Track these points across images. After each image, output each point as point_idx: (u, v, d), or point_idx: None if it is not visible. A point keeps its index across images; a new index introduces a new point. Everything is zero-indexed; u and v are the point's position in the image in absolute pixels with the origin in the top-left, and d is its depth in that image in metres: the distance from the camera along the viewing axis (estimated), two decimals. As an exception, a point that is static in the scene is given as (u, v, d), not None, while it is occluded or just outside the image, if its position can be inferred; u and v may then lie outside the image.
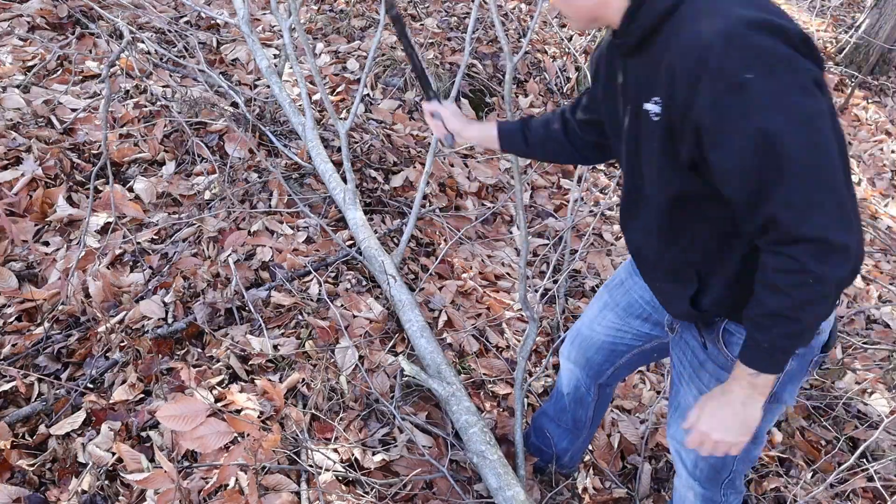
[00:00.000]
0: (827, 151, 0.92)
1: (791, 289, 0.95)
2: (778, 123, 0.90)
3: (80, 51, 2.90)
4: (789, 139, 0.90)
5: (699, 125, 0.95)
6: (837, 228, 0.92)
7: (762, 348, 1.02)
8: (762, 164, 0.92)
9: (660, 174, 1.09)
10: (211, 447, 1.51)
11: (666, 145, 1.03)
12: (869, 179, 4.36)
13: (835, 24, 6.07)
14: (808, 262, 0.93)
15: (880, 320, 3.01)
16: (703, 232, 1.12)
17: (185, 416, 1.55)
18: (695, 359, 1.28)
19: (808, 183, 0.91)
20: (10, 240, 2.08)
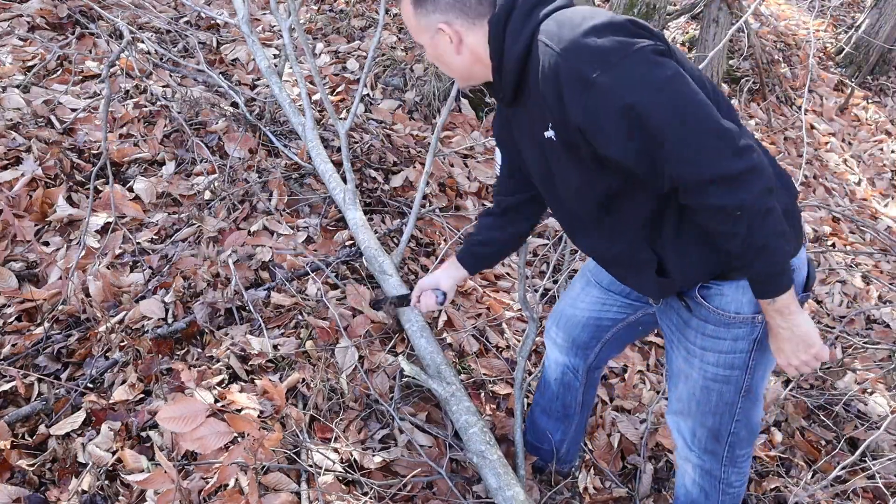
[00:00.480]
0: (689, 102, 1.02)
1: (732, 228, 1.06)
2: (636, 100, 1.00)
3: (80, 51, 2.90)
4: (651, 109, 1.00)
5: (580, 127, 1.07)
6: (732, 156, 1.02)
7: (760, 281, 1.14)
8: (641, 139, 1.03)
9: (578, 186, 1.20)
10: (211, 447, 1.51)
11: (571, 158, 1.16)
12: (869, 179, 4.36)
13: (835, 24, 6.06)
14: (721, 200, 1.03)
15: (880, 320, 3.01)
16: (636, 220, 1.21)
17: (185, 416, 1.55)
18: (679, 319, 1.34)
19: (684, 136, 1.01)
20: (10, 240, 2.08)
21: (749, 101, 4.63)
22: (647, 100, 1.00)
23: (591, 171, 1.15)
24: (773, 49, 5.25)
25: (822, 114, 4.91)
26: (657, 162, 1.04)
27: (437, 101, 3.40)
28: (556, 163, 1.21)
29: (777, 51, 5.27)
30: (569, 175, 1.20)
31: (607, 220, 1.24)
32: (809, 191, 3.99)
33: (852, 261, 3.41)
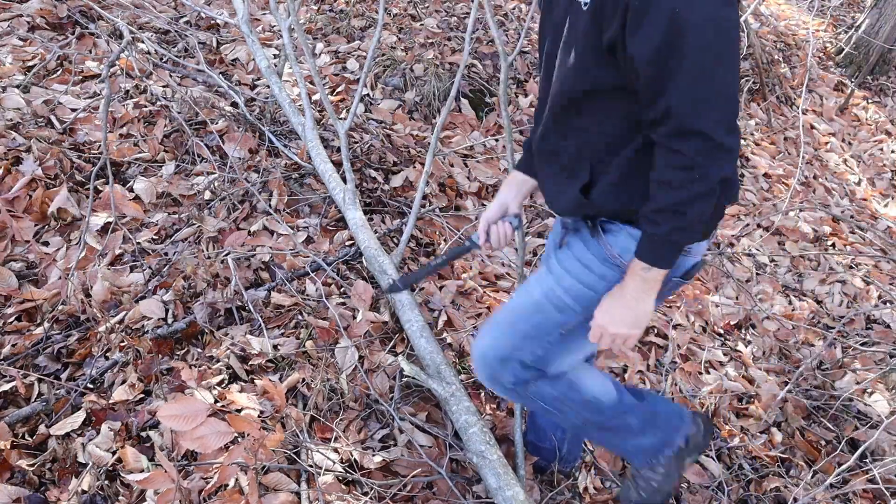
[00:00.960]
0: (728, 58, 1.02)
1: (681, 184, 1.06)
2: (692, 17, 0.99)
3: (80, 51, 2.90)
4: (696, 35, 0.99)
5: (628, 5, 1.02)
6: (725, 130, 1.03)
7: (654, 243, 1.13)
8: (668, 52, 1.00)
9: (578, 64, 1.14)
10: (211, 447, 1.51)
11: (590, 31, 1.10)
12: (869, 179, 4.36)
13: (835, 24, 6.06)
14: (696, 157, 1.03)
15: (880, 320, 3.01)
16: (605, 128, 1.19)
17: (186, 415, 1.55)
18: (565, 240, 1.34)
19: (704, 80, 1.01)
20: (9, 239, 2.08)
21: (749, 101, 4.63)
22: (700, 25, 0.99)
23: (595, 55, 1.11)
24: (773, 49, 5.25)
25: (822, 114, 4.91)
26: (662, 80, 1.03)
27: (437, 101, 3.40)
28: (569, 33, 1.16)
29: (777, 51, 5.27)
30: (571, 50, 1.15)
31: (575, 121, 1.22)
32: (809, 191, 3.99)
33: (852, 261, 3.41)
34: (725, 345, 2.69)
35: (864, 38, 5.27)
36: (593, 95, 1.16)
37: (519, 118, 3.66)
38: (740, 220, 3.51)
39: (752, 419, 2.32)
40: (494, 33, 1.65)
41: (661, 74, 1.02)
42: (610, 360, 2.36)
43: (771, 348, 2.71)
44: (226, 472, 1.54)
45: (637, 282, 1.17)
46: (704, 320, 2.76)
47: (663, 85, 1.03)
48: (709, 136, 1.03)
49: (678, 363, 2.47)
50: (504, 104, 1.74)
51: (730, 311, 2.83)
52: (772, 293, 3.04)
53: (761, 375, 2.53)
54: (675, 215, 1.09)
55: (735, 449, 2.17)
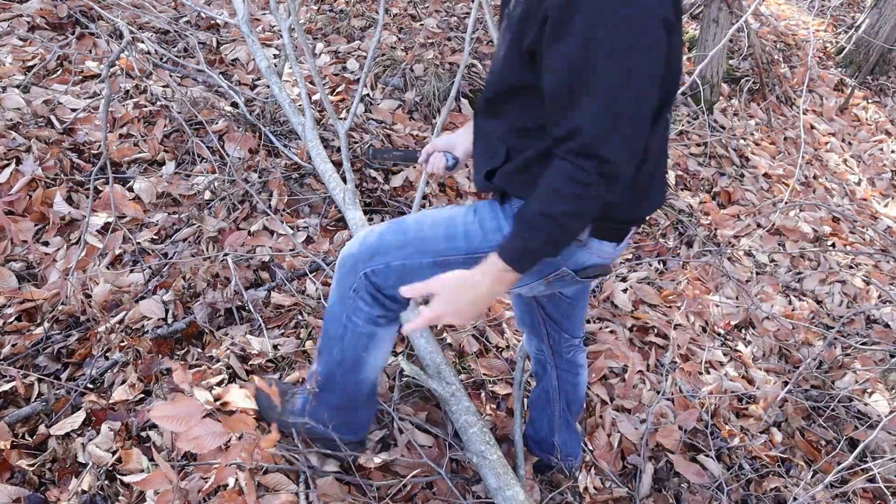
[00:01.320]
0: (639, 80, 0.98)
1: (570, 197, 1.04)
2: (606, 35, 0.96)
3: (80, 51, 2.90)
4: (607, 57, 0.96)
5: (547, 15, 1.00)
6: (628, 158, 1.02)
7: (522, 246, 1.10)
8: (581, 70, 0.98)
9: (505, 60, 1.16)
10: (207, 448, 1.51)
11: (516, 34, 1.10)
12: (869, 179, 4.36)
13: (835, 24, 6.06)
14: (595, 178, 1.02)
15: (880, 320, 3.01)
16: (526, 121, 1.18)
17: (179, 416, 1.54)
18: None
19: (616, 104, 0.99)
20: (9, 240, 2.08)
21: (749, 101, 4.63)
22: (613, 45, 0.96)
23: (519, 57, 1.11)
24: (773, 49, 5.25)
25: (822, 114, 4.91)
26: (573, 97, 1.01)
27: (437, 101, 3.40)
28: (504, 28, 1.17)
29: (777, 51, 5.27)
30: (503, 45, 1.16)
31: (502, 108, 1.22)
32: (809, 191, 3.99)
33: (852, 261, 3.41)
34: (725, 345, 2.69)
35: (864, 38, 5.28)
36: (518, 90, 1.17)
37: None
38: (740, 220, 3.52)
39: (752, 419, 2.33)
40: (494, 34, 1.65)
41: (572, 92, 1.01)
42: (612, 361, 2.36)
43: (771, 348, 2.71)
44: (223, 473, 1.54)
45: (492, 279, 1.14)
46: (704, 320, 2.76)
47: (573, 102, 1.01)
48: (613, 163, 1.01)
49: (678, 363, 2.47)
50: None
51: (730, 311, 2.83)
52: (772, 293, 3.04)
53: (761, 375, 2.53)
54: (555, 226, 1.07)
55: (735, 449, 2.17)
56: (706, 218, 3.46)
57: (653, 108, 1.05)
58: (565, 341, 1.68)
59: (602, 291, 2.74)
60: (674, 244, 3.19)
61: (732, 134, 4.21)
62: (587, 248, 1.21)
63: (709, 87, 4.29)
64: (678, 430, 2.15)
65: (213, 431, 1.46)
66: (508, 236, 1.13)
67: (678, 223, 3.31)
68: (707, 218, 3.46)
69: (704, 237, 3.26)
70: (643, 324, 2.60)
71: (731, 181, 3.80)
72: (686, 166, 3.76)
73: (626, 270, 2.89)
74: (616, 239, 1.24)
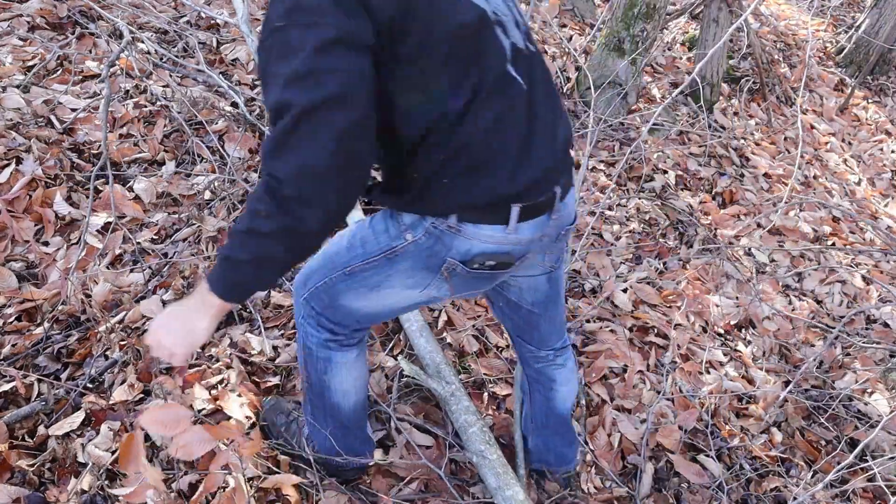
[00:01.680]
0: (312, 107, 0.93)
1: (248, 214, 1.00)
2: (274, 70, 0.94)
3: (80, 51, 2.90)
4: (279, 90, 0.93)
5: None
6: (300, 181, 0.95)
7: (219, 265, 1.07)
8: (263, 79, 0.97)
9: None
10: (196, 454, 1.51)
11: None
12: (869, 179, 4.36)
13: (835, 24, 6.07)
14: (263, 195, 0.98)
15: (880, 320, 3.01)
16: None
17: (168, 422, 1.54)
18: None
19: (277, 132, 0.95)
20: (9, 239, 2.08)
21: (749, 101, 4.63)
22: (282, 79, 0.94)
23: None
24: (773, 49, 5.25)
25: (822, 114, 4.91)
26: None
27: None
28: None
29: (777, 51, 5.27)
30: None
31: None
32: (809, 191, 3.99)
33: (852, 260, 3.41)
34: (725, 345, 2.69)
35: (864, 38, 5.28)
36: None
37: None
38: (740, 220, 3.51)
39: (752, 419, 2.32)
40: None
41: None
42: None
43: (771, 348, 2.71)
44: (213, 480, 1.54)
45: (198, 299, 1.12)
46: (704, 320, 2.76)
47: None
48: (276, 179, 0.96)
49: (678, 363, 2.47)
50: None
51: (730, 311, 2.83)
52: (772, 293, 3.04)
53: (761, 375, 2.53)
54: (237, 242, 1.04)
55: (735, 449, 2.17)
56: (706, 218, 3.46)
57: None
58: (529, 352, 1.62)
59: (602, 291, 2.74)
60: (674, 244, 3.19)
61: (732, 134, 4.21)
62: (462, 235, 1.17)
63: (709, 87, 4.29)
64: (678, 430, 2.15)
65: (201, 438, 1.46)
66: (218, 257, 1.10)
67: (678, 223, 3.31)
68: (707, 218, 3.46)
69: (704, 237, 3.26)
70: (643, 324, 2.60)
71: (731, 181, 3.80)
72: (686, 166, 3.77)
73: (626, 270, 2.89)
74: (499, 221, 1.17)
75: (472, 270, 1.21)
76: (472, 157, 1.12)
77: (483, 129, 1.10)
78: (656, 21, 3.79)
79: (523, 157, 1.16)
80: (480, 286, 1.31)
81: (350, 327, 1.43)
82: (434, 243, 1.19)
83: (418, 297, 1.31)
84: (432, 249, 1.20)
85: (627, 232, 3.15)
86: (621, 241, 3.08)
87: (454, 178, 1.12)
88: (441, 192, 1.13)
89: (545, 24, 4.43)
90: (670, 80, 4.59)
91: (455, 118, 1.08)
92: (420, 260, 1.23)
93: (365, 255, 1.28)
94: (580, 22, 4.74)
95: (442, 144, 1.10)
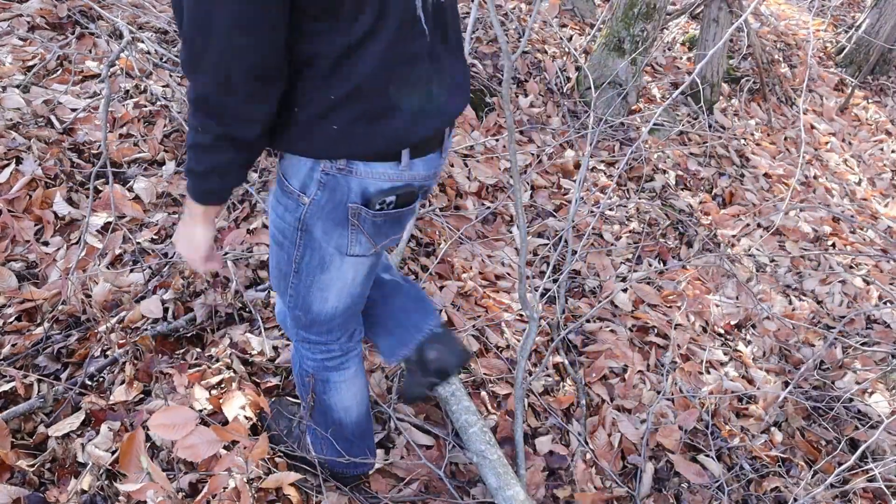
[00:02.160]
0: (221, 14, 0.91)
1: (190, 131, 1.05)
2: None
3: (80, 51, 2.90)
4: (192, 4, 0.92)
5: None
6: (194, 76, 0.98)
7: (187, 178, 1.13)
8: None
9: None
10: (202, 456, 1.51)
11: None
12: (869, 179, 4.36)
13: (835, 24, 6.07)
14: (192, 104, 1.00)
15: (880, 320, 3.01)
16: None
17: (175, 424, 1.54)
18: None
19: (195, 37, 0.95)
20: (10, 239, 2.08)
21: (749, 101, 4.63)
22: None
23: None
24: (773, 49, 5.25)
25: (823, 114, 4.91)
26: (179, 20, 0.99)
27: (437, 101, 3.39)
28: None
29: (777, 51, 5.27)
30: None
31: None
32: (809, 190, 3.99)
33: (853, 261, 3.41)
34: (725, 345, 2.69)
35: (864, 38, 5.28)
36: None
37: (519, 118, 3.66)
38: (740, 220, 3.52)
39: (752, 419, 2.32)
40: (498, 33, 1.65)
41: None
42: (611, 360, 2.36)
43: (771, 348, 2.71)
44: (216, 482, 1.54)
45: (187, 212, 1.20)
46: (704, 320, 2.76)
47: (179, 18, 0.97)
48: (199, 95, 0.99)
49: (678, 363, 2.47)
50: (507, 104, 1.74)
51: (730, 311, 2.83)
52: (772, 293, 3.04)
53: (761, 375, 2.53)
54: (189, 151, 1.09)
55: (735, 449, 2.17)
56: (706, 218, 3.46)
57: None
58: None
59: (602, 291, 2.74)
60: (674, 244, 3.19)
61: (733, 134, 4.21)
62: (354, 175, 1.15)
63: (709, 87, 4.29)
64: (678, 430, 2.15)
65: (207, 440, 1.46)
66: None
67: (678, 223, 3.31)
68: (707, 218, 3.46)
69: (705, 237, 3.26)
70: (643, 324, 2.60)
71: (731, 181, 3.80)
72: (686, 166, 3.77)
73: (627, 270, 2.89)
74: (390, 159, 1.16)
75: (376, 212, 1.20)
76: (366, 104, 1.08)
77: (379, 71, 1.06)
78: (656, 21, 3.79)
79: (423, 109, 1.14)
80: (393, 230, 1.29)
81: (339, 337, 1.44)
82: (331, 194, 1.17)
83: (357, 263, 1.30)
84: (332, 201, 1.18)
85: (627, 232, 3.15)
86: (621, 241, 3.08)
87: (346, 125, 1.09)
88: (332, 137, 1.10)
89: (545, 24, 4.43)
90: (670, 80, 4.59)
91: (348, 50, 1.02)
92: (327, 218, 1.21)
93: (291, 243, 1.28)
94: (580, 22, 4.74)
95: (332, 79, 1.05)
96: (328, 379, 1.49)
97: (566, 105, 3.90)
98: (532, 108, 3.77)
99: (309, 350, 1.47)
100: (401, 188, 1.19)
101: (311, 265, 1.30)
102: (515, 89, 3.80)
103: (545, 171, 3.38)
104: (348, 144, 1.11)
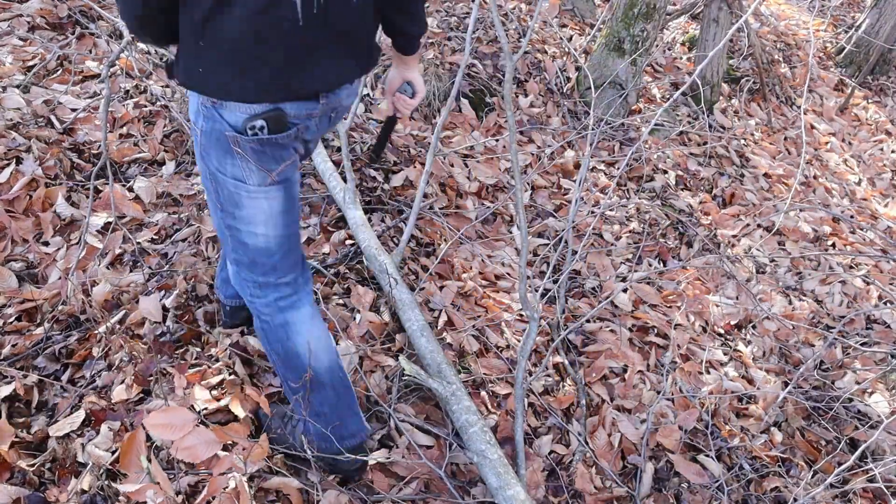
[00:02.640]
0: None
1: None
2: None
3: (80, 51, 2.90)
4: None
5: None
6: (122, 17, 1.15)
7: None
8: None
9: None
10: (200, 457, 1.51)
11: None
12: (869, 179, 4.36)
13: (835, 24, 6.07)
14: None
15: (880, 320, 3.01)
16: None
17: (173, 425, 1.54)
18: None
19: None
20: (9, 239, 2.08)
21: (749, 101, 4.63)
22: None
23: None
24: (774, 49, 5.25)
25: (823, 114, 4.91)
26: None
27: (437, 101, 3.40)
28: None
29: (777, 51, 5.27)
30: None
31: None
32: (810, 190, 3.99)
33: (852, 261, 3.41)
34: (725, 345, 2.69)
35: (864, 38, 5.28)
36: None
37: (519, 118, 3.66)
38: (740, 220, 3.52)
39: (752, 419, 2.32)
40: (500, 33, 1.65)
41: None
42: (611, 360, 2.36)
43: (771, 348, 2.71)
44: (216, 483, 1.54)
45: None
46: (704, 320, 2.76)
47: None
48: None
49: (678, 363, 2.47)
50: (509, 104, 1.74)
51: (730, 311, 2.83)
52: (772, 293, 3.04)
53: (761, 375, 2.53)
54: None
55: (735, 449, 2.17)
56: (706, 218, 3.46)
57: None
58: None
59: (602, 291, 2.74)
60: (674, 244, 3.19)
61: (733, 134, 4.21)
62: (225, 108, 1.24)
63: (709, 88, 4.29)
64: (678, 430, 2.15)
65: (206, 440, 1.46)
66: None
67: (678, 223, 3.31)
68: (707, 218, 3.46)
69: (705, 237, 3.26)
70: (643, 324, 2.60)
71: (731, 181, 3.80)
72: (686, 166, 3.77)
73: (627, 270, 2.89)
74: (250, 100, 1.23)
75: (251, 139, 1.26)
76: (229, 59, 1.18)
77: (245, 33, 1.15)
78: (656, 21, 3.79)
79: (295, 72, 1.22)
80: (280, 156, 1.33)
81: (285, 274, 1.47)
82: (212, 124, 1.26)
83: (264, 193, 1.34)
84: (214, 131, 1.27)
85: (627, 232, 3.15)
86: (621, 241, 3.08)
87: (210, 72, 1.19)
88: (202, 77, 1.21)
89: (545, 24, 4.43)
90: (670, 80, 4.59)
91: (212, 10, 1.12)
92: (216, 146, 1.29)
93: (209, 181, 1.36)
94: (580, 22, 4.74)
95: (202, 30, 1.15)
96: (286, 322, 1.50)
97: (566, 105, 3.90)
98: (532, 108, 3.77)
99: (261, 292, 1.48)
100: (269, 111, 1.25)
101: (227, 201, 1.36)
102: (515, 89, 3.80)
103: (545, 171, 3.38)
104: (212, 88, 1.22)
